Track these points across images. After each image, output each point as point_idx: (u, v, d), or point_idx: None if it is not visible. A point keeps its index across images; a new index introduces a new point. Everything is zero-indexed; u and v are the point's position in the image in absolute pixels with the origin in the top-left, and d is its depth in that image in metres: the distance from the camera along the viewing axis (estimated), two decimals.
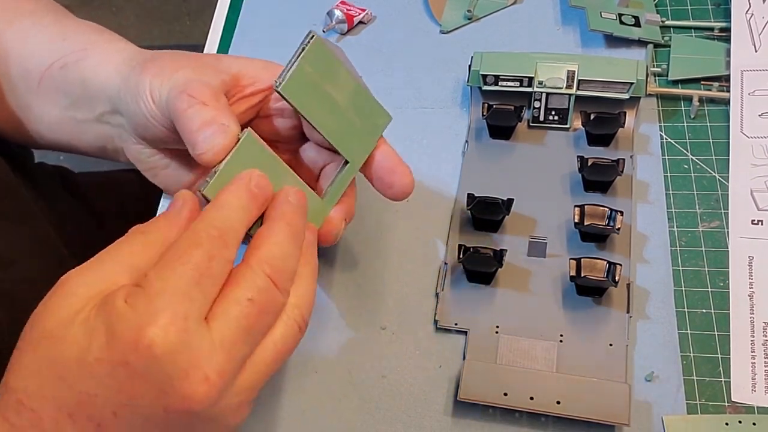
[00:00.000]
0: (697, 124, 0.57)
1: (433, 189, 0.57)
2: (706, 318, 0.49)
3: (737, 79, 0.57)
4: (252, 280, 0.37)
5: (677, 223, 0.53)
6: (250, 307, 0.36)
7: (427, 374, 0.49)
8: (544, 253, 0.52)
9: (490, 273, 0.51)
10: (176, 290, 0.35)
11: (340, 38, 0.66)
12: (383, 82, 0.63)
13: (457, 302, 0.51)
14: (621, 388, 0.46)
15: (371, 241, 0.55)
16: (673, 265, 0.51)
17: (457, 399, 0.47)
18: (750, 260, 0.51)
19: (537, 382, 0.47)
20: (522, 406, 0.46)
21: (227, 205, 0.39)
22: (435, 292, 0.52)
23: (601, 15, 0.62)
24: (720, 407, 0.46)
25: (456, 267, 0.52)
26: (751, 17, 0.59)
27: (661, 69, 0.60)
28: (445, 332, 0.51)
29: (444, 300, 0.51)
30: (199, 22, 1.87)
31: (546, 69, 0.56)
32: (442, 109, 0.61)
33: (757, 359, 0.47)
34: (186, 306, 0.35)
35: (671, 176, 0.55)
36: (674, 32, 0.62)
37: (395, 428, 0.48)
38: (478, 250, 0.50)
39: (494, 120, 0.56)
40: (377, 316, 0.52)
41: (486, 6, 0.66)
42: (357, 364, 0.50)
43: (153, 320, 0.34)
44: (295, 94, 0.43)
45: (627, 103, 0.56)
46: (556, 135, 0.58)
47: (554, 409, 0.45)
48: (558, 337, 0.49)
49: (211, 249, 0.36)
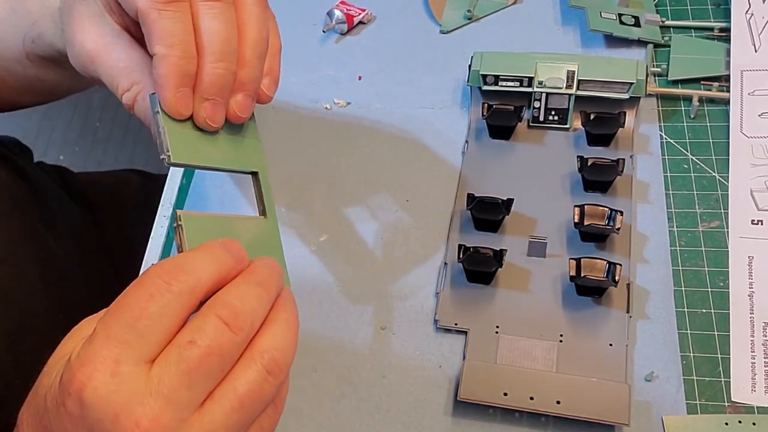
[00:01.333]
0: (697, 124, 0.57)
1: (433, 189, 0.57)
2: (706, 318, 0.49)
3: (737, 79, 0.57)
4: (199, 322, 0.34)
5: (677, 223, 0.53)
6: (189, 350, 0.33)
7: (427, 374, 0.49)
8: (544, 253, 0.52)
9: (490, 273, 0.51)
10: (111, 335, 0.34)
11: (340, 38, 0.66)
12: (383, 82, 0.63)
13: (457, 302, 0.51)
14: (621, 388, 0.46)
15: (371, 241, 0.55)
16: (673, 265, 0.51)
17: (457, 399, 0.47)
18: (750, 260, 0.51)
19: (537, 382, 0.47)
20: (522, 406, 0.46)
21: (184, 254, 0.37)
22: (435, 292, 0.52)
23: (601, 15, 0.61)
24: (720, 407, 0.46)
25: (456, 267, 0.52)
26: (751, 17, 0.59)
27: (661, 69, 0.60)
28: (445, 332, 0.51)
29: (444, 300, 0.51)
30: None
31: (546, 69, 0.56)
32: (442, 109, 0.61)
33: (757, 359, 0.47)
34: (118, 350, 0.33)
35: (671, 176, 0.55)
36: (674, 32, 0.62)
37: (395, 428, 0.48)
38: (478, 250, 0.50)
39: (494, 120, 0.56)
40: (377, 316, 0.52)
41: (486, 6, 0.66)
42: (357, 364, 0.50)
43: (83, 364, 0.33)
44: (184, 155, 0.41)
45: (627, 103, 0.56)
46: (556, 135, 0.58)
47: (554, 409, 0.45)
48: (558, 337, 0.49)
49: (151, 288, 0.34)
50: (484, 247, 0.50)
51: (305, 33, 0.67)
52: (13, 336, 0.53)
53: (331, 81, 0.63)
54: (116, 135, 1.61)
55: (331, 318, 0.52)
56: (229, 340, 0.34)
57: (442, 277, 0.52)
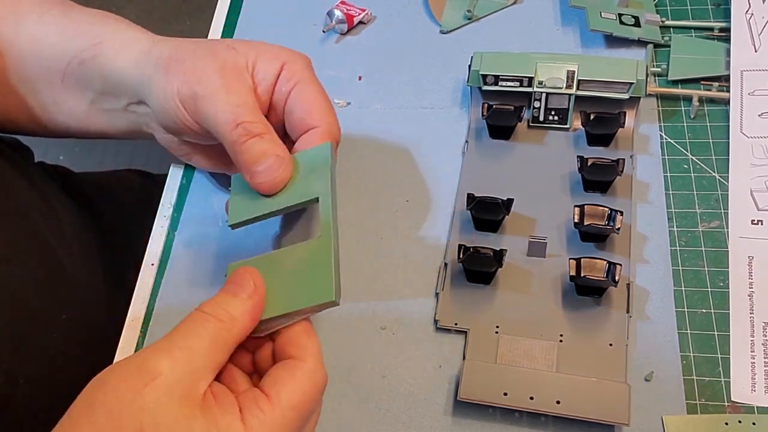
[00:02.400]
0: (697, 124, 0.57)
1: (433, 189, 0.57)
2: (706, 318, 0.49)
3: (737, 79, 0.57)
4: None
5: (677, 223, 0.53)
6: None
7: (427, 374, 0.49)
8: (544, 253, 0.52)
9: (490, 273, 0.51)
10: None
11: (340, 38, 0.66)
12: (383, 82, 0.63)
13: (457, 302, 0.51)
14: (621, 388, 0.46)
15: (371, 241, 0.55)
16: (673, 265, 0.51)
17: (457, 399, 0.47)
18: (750, 260, 0.51)
19: (537, 382, 0.47)
20: (522, 406, 0.46)
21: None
22: (435, 292, 0.52)
23: (601, 15, 0.62)
24: (720, 407, 0.46)
25: (456, 267, 0.52)
26: (751, 17, 0.59)
27: (661, 69, 0.60)
28: (445, 332, 0.51)
29: (444, 300, 0.51)
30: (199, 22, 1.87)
31: (546, 69, 0.56)
32: (442, 109, 0.61)
33: (757, 359, 0.47)
34: None
35: (671, 176, 0.55)
36: (674, 32, 0.62)
37: (395, 428, 0.48)
38: (478, 250, 0.50)
39: (494, 120, 0.56)
40: (377, 316, 0.52)
41: (486, 6, 0.66)
42: (357, 364, 0.50)
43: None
44: (242, 216, 0.48)
45: (627, 103, 0.56)
46: (556, 135, 0.58)
47: (554, 408, 0.45)
48: (558, 337, 0.49)
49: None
50: (484, 247, 0.50)
51: (305, 33, 0.67)
52: (18, 336, 0.53)
53: (331, 81, 0.63)
54: None
55: (331, 318, 0.52)
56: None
57: (442, 277, 0.52)
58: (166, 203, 0.59)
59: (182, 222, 0.58)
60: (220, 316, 0.39)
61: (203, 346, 0.38)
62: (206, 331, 0.39)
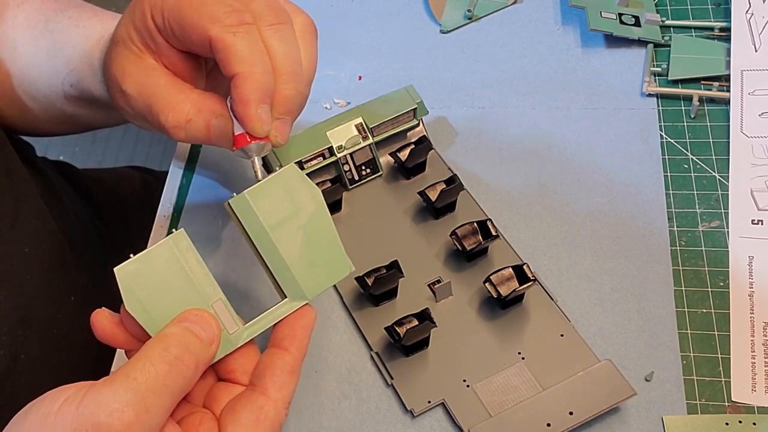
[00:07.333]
0: (697, 123, 0.57)
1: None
2: (706, 318, 0.49)
3: (737, 78, 0.57)
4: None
5: (677, 223, 0.53)
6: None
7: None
8: (450, 290, 0.51)
9: (427, 337, 0.49)
10: None
11: (340, 38, 0.66)
12: (383, 82, 0.63)
13: (413, 382, 0.48)
14: (605, 367, 0.46)
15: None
16: (673, 265, 0.51)
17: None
18: (750, 260, 0.51)
19: (540, 409, 0.45)
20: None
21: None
22: (388, 384, 0.49)
23: (601, 15, 0.62)
24: (720, 407, 0.46)
25: (387, 351, 0.49)
26: (751, 17, 0.59)
27: (661, 69, 0.60)
28: (425, 414, 0.48)
29: (401, 387, 0.48)
30: None
31: (336, 133, 0.55)
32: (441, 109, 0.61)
33: (757, 359, 0.47)
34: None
35: (671, 176, 0.55)
36: (674, 32, 0.62)
37: (395, 428, 0.48)
38: (402, 322, 0.47)
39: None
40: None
41: (486, 6, 0.66)
42: (357, 365, 0.50)
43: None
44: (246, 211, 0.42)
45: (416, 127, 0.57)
46: (375, 184, 0.57)
47: (572, 421, 0.45)
48: (518, 357, 0.48)
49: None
50: (408, 318, 0.47)
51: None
52: (21, 311, 0.54)
53: (331, 81, 0.63)
54: (116, 135, 1.61)
55: (331, 318, 0.52)
56: None
57: (382, 367, 0.49)
58: (166, 203, 0.59)
59: (182, 222, 0.58)
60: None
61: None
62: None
